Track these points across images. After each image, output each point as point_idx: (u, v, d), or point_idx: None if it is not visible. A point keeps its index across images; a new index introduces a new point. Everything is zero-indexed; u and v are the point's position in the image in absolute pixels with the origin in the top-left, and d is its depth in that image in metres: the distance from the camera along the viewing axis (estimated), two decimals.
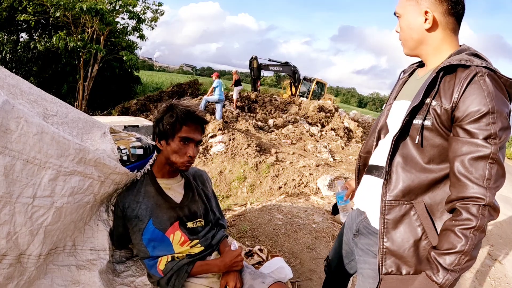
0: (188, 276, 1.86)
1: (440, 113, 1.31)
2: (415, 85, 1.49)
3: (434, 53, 1.47)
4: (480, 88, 1.23)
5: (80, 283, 1.69)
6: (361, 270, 1.62)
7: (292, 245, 3.90)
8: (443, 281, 1.22)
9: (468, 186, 1.22)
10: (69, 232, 1.64)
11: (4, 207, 1.30)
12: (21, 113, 1.27)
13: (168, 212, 1.86)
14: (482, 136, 1.22)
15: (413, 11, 1.43)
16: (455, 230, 1.21)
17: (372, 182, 1.59)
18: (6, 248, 1.36)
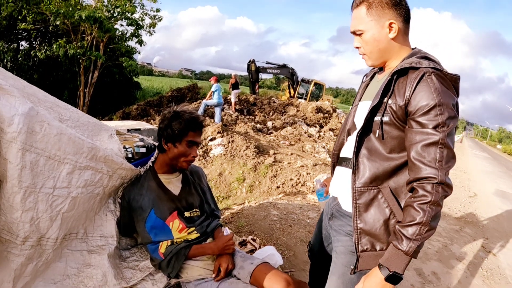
0: (185, 258, 2.11)
1: (396, 110, 1.53)
2: (375, 86, 1.71)
3: (395, 57, 1.68)
4: (428, 85, 1.45)
5: (91, 265, 1.95)
6: (335, 248, 1.80)
7: (286, 239, 4.15)
8: (407, 249, 1.41)
9: (422, 168, 1.42)
10: (81, 220, 1.90)
11: (29, 195, 1.56)
12: (44, 117, 1.54)
13: (168, 203, 2.13)
14: (432, 125, 1.43)
15: (377, 25, 1.61)
16: (414, 205, 1.42)
17: (342, 172, 1.82)
18: (30, 231, 1.61)
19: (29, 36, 21.40)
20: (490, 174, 14.66)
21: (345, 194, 1.75)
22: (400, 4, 1.61)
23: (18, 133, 1.46)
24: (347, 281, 1.68)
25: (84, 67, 18.26)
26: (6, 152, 1.47)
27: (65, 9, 15.19)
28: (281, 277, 2.00)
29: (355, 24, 1.67)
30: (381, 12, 1.60)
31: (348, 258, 1.70)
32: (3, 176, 1.52)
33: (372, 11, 1.61)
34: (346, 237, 1.73)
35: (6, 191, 1.52)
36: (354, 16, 1.67)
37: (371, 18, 1.61)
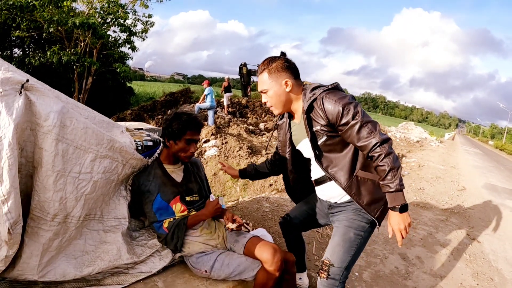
0: (186, 228, 2.46)
1: (325, 129, 2.15)
2: (298, 128, 2.37)
3: (295, 102, 2.31)
4: (329, 101, 2.09)
5: (107, 242, 2.28)
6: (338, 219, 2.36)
7: (277, 228, 4.47)
8: (395, 188, 1.99)
9: (368, 145, 2.03)
10: (98, 203, 2.23)
11: (60, 178, 1.90)
12: (73, 114, 1.90)
13: (172, 189, 2.49)
14: (351, 119, 2.04)
15: (276, 85, 2.22)
16: (379, 164, 2.02)
17: (325, 187, 2.40)
18: (58, 209, 1.94)
19: (23, 43, 21.49)
20: (480, 169, 14.76)
21: (336, 196, 2.35)
22: (290, 67, 2.23)
23: (53, 126, 1.81)
24: (346, 238, 2.23)
25: (78, 74, 18.38)
26: (42, 142, 1.81)
27: (59, 16, 15.31)
28: (269, 246, 2.38)
29: (260, 86, 2.28)
30: (278, 74, 2.21)
31: (349, 222, 2.26)
32: (38, 163, 1.86)
33: (271, 75, 2.21)
34: (348, 211, 2.31)
35: (40, 175, 1.85)
36: (260, 80, 2.27)
37: (271, 80, 2.22)
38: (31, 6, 15.35)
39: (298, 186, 2.75)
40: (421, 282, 3.69)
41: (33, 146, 1.86)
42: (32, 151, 1.87)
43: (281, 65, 2.20)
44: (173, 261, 2.54)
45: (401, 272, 3.85)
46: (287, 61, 2.24)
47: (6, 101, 1.70)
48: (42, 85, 1.89)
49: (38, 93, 1.82)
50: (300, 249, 2.96)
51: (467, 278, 3.92)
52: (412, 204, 6.65)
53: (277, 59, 2.23)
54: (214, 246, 2.54)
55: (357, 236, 2.24)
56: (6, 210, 1.69)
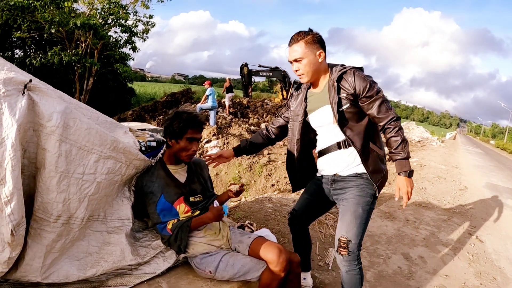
0: (189, 230, 2.44)
1: (348, 97, 2.39)
2: (318, 97, 2.58)
3: (323, 74, 2.55)
4: (358, 76, 2.38)
5: (110, 244, 2.26)
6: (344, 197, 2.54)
7: (280, 228, 4.47)
8: (406, 155, 2.36)
9: (386, 117, 2.36)
10: (102, 204, 2.21)
11: (63, 179, 1.88)
12: (76, 114, 1.88)
13: (175, 189, 2.47)
14: (375, 94, 2.36)
15: (312, 54, 2.42)
16: (393, 135, 2.36)
17: (332, 156, 2.59)
18: (62, 211, 1.92)
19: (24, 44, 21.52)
20: (482, 168, 14.64)
21: (341, 166, 2.55)
22: (322, 40, 2.45)
23: (56, 127, 1.79)
24: (357, 215, 2.42)
25: (79, 74, 18.41)
26: (45, 143, 1.80)
27: (60, 17, 15.33)
28: (275, 246, 2.37)
29: (294, 55, 2.44)
30: (314, 45, 2.41)
31: (357, 199, 2.46)
32: (41, 164, 1.84)
33: (308, 45, 2.40)
34: (353, 187, 2.51)
35: (43, 176, 1.83)
36: (295, 49, 2.43)
37: (308, 49, 2.41)
38: (32, 7, 15.36)
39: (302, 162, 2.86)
40: (424, 282, 3.68)
41: (36, 147, 1.85)
42: (35, 152, 1.86)
43: (316, 37, 2.41)
44: (177, 262, 2.53)
45: (404, 272, 3.84)
46: (319, 35, 2.44)
47: (9, 101, 1.68)
48: (45, 86, 1.88)
49: (41, 93, 1.80)
50: (307, 247, 3.07)
51: (470, 278, 3.91)
52: (414, 204, 6.63)
53: (311, 32, 2.42)
54: (218, 246, 2.52)
55: (365, 211, 2.45)
56: (9, 211, 1.68)
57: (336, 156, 2.56)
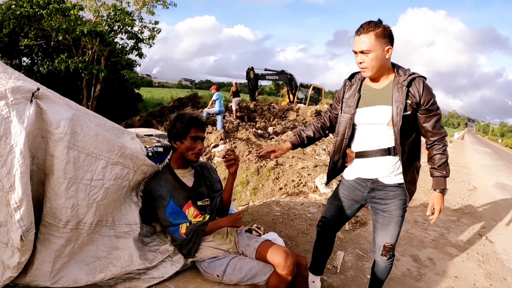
0: (204, 234, 2.47)
1: (412, 105, 2.35)
2: (378, 94, 2.48)
3: (386, 71, 2.44)
4: (427, 86, 2.35)
5: (119, 248, 2.28)
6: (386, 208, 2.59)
7: (288, 231, 4.48)
8: (446, 173, 2.45)
9: (439, 133, 2.42)
10: (110, 209, 2.23)
11: (72, 185, 1.90)
12: (84, 121, 1.91)
13: (183, 193, 2.49)
14: (435, 109, 2.39)
15: (380, 49, 2.28)
16: (440, 152, 2.43)
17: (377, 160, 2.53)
18: (70, 216, 1.95)
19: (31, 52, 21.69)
20: (490, 168, 14.64)
21: (384, 173, 2.53)
22: (392, 35, 2.32)
23: (64, 134, 1.82)
24: (399, 224, 2.57)
25: (86, 81, 18.57)
26: (54, 149, 1.82)
27: (66, 24, 15.50)
28: (281, 250, 2.37)
29: (362, 46, 2.31)
30: (384, 39, 2.28)
31: (399, 211, 2.56)
32: (49, 170, 1.87)
33: (378, 39, 2.26)
34: (394, 198, 2.55)
35: (52, 182, 1.86)
36: (362, 40, 2.29)
37: (377, 43, 2.27)
38: (39, 15, 15.56)
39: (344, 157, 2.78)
40: (433, 283, 3.68)
41: (44, 153, 1.87)
42: (44, 158, 1.88)
43: (387, 31, 2.30)
44: (185, 266, 2.54)
45: (413, 274, 3.84)
46: (390, 29, 2.33)
47: (17, 109, 1.71)
48: (53, 93, 1.91)
49: (49, 101, 1.83)
50: (328, 253, 3.09)
51: (479, 279, 3.90)
52: (423, 205, 6.61)
53: (381, 25, 2.30)
54: (226, 250, 2.53)
55: (403, 218, 2.60)
56: (19, 217, 1.70)
57: (381, 161, 2.51)
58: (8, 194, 1.71)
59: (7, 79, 1.77)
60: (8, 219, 1.75)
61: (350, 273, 3.71)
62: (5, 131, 1.69)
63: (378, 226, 2.66)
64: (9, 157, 1.69)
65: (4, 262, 1.81)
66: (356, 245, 4.37)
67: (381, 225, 2.63)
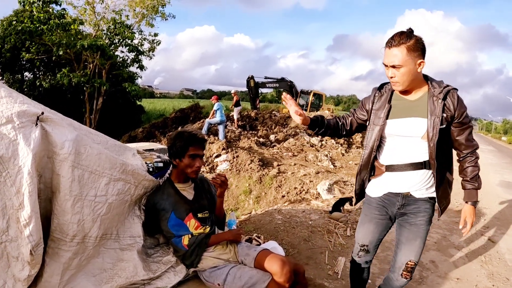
0: (207, 246, 2.59)
1: (447, 118, 2.27)
2: (411, 106, 2.37)
3: (419, 82, 2.35)
4: (460, 99, 2.29)
5: (123, 260, 2.39)
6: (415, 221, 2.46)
7: (290, 239, 4.55)
8: (478, 186, 2.42)
9: (472, 146, 2.39)
10: (114, 222, 2.34)
11: (77, 202, 2.02)
12: (87, 141, 2.04)
13: (184, 206, 2.59)
14: (468, 121, 2.34)
15: (412, 63, 2.19)
16: (473, 164, 2.41)
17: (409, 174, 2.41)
18: (77, 231, 2.06)
19: (33, 66, 21.89)
20: (495, 166, 14.61)
21: (417, 187, 2.41)
22: (424, 48, 2.22)
23: (69, 154, 1.94)
24: (424, 240, 2.47)
25: (88, 94, 18.72)
26: (59, 169, 1.95)
27: (67, 39, 15.69)
28: (278, 258, 2.47)
29: (393, 60, 2.21)
30: (416, 53, 2.18)
31: (426, 226, 2.46)
32: (56, 188, 1.99)
33: (410, 52, 2.16)
34: (424, 213, 2.45)
35: (59, 199, 1.97)
36: (394, 53, 2.20)
37: (409, 57, 2.17)
38: (40, 31, 15.75)
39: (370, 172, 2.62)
40: (435, 286, 3.72)
41: (50, 173, 1.99)
42: (50, 177, 2.00)
43: (419, 43, 2.20)
44: (187, 276, 2.63)
45: (415, 277, 3.85)
46: (422, 40, 2.23)
47: (24, 132, 1.83)
48: (57, 116, 2.04)
49: (53, 123, 1.95)
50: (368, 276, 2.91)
51: (482, 280, 3.93)
52: None
53: (413, 36, 2.20)
54: (226, 260, 2.63)
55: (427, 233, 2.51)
56: (28, 233, 1.82)
57: (413, 175, 2.39)
58: (18, 212, 1.83)
59: (12, 103, 1.89)
60: (19, 234, 1.86)
61: None
62: (13, 153, 1.81)
63: (402, 241, 2.50)
64: (18, 177, 1.82)
65: (15, 275, 1.91)
66: None
67: (406, 240, 2.47)
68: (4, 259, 1.88)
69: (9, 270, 1.90)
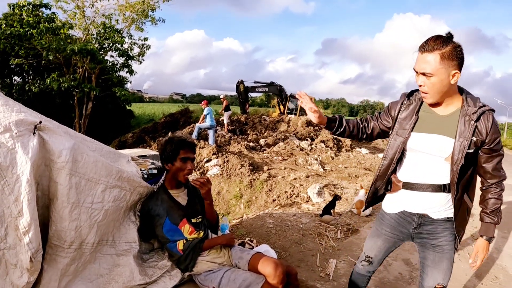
0: (201, 251, 2.65)
1: (476, 142, 2.04)
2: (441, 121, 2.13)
3: (452, 97, 2.09)
4: (495, 123, 2.03)
5: (120, 265, 2.43)
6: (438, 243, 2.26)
7: (282, 242, 4.61)
8: (498, 221, 2.19)
9: (498, 176, 2.14)
10: (110, 228, 2.39)
11: (75, 209, 2.07)
12: (83, 149, 2.09)
13: (178, 212, 2.65)
14: (500, 149, 2.09)
15: (445, 73, 1.94)
16: (496, 197, 2.17)
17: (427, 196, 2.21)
18: (74, 237, 2.11)
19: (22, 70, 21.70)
20: None
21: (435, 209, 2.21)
22: (462, 57, 1.96)
23: (66, 162, 1.99)
24: (452, 261, 2.26)
25: (78, 99, 18.60)
26: (57, 176, 1.99)
27: (56, 43, 15.60)
28: (271, 261, 2.54)
29: (424, 67, 1.97)
30: (451, 62, 1.92)
31: (451, 246, 2.25)
32: (53, 195, 2.03)
33: (444, 61, 1.92)
34: (445, 232, 2.25)
35: (57, 206, 2.02)
36: (426, 59, 1.96)
37: (442, 66, 1.92)
38: (29, 35, 15.61)
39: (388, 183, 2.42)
40: None
41: (48, 180, 2.04)
42: (48, 185, 2.05)
43: (456, 51, 1.94)
44: (183, 279, 2.68)
45: (405, 278, 3.93)
46: (460, 48, 1.96)
47: (22, 141, 1.88)
48: (53, 124, 2.09)
49: (50, 132, 2.00)
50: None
51: (471, 279, 3.99)
52: None
53: (451, 42, 1.94)
54: (220, 263, 2.69)
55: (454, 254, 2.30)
56: (28, 240, 1.86)
57: (432, 197, 2.19)
58: (16, 220, 1.87)
59: (9, 111, 1.93)
60: (17, 242, 1.90)
61: (343, 280, 3.82)
62: (11, 161, 1.86)
63: (428, 264, 2.30)
64: (16, 185, 1.86)
65: (14, 282, 1.94)
66: (348, 253, 4.48)
67: (431, 263, 2.28)
68: (2, 266, 1.92)
69: (8, 277, 1.94)
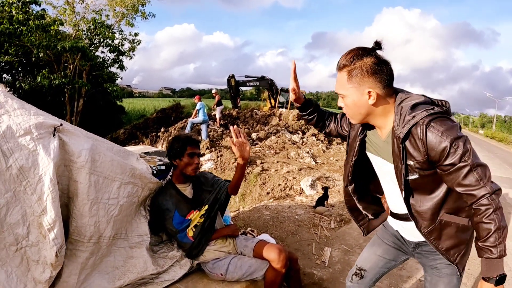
0: (211, 233, 2.86)
1: (420, 166, 1.66)
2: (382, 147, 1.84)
3: (383, 117, 1.75)
4: (433, 133, 1.57)
5: (133, 257, 2.59)
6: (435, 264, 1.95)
7: (279, 233, 4.82)
8: (498, 254, 1.56)
9: (473, 194, 1.58)
10: (123, 223, 2.55)
11: (94, 205, 2.23)
12: (100, 149, 2.26)
13: (186, 205, 2.83)
14: (458, 160, 1.56)
15: (356, 92, 1.67)
16: (483, 220, 1.56)
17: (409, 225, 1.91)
18: (93, 232, 2.27)
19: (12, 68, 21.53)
20: None
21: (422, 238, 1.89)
22: (380, 71, 1.64)
23: (86, 162, 2.15)
24: (451, 286, 1.92)
25: (69, 96, 18.57)
26: (77, 176, 2.15)
27: (46, 40, 15.55)
28: (275, 247, 2.75)
29: (337, 87, 1.76)
30: (361, 80, 1.64)
31: (451, 269, 1.89)
32: (73, 193, 2.19)
33: (352, 79, 1.66)
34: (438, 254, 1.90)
35: (77, 203, 2.18)
36: (338, 79, 1.74)
37: (351, 85, 1.67)
38: (19, 32, 15.53)
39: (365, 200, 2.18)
40: (414, 271, 4.02)
41: (67, 180, 2.19)
42: (67, 184, 2.20)
43: (368, 66, 1.64)
44: (192, 268, 2.86)
45: None
46: (379, 61, 1.65)
47: (43, 143, 2.03)
48: (72, 127, 2.25)
49: (69, 134, 2.16)
50: None
51: None
52: None
53: (365, 56, 1.64)
54: (226, 252, 2.88)
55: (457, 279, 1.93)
56: (53, 236, 2.01)
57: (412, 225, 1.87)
58: (40, 218, 2.02)
59: (27, 115, 2.08)
60: (41, 239, 2.05)
61: (338, 266, 4.04)
62: (33, 163, 2.00)
63: (426, 285, 2.05)
64: (39, 185, 2.01)
65: (36, 278, 2.08)
66: (342, 241, 4.70)
67: (429, 284, 2.01)
68: (24, 263, 2.05)
69: (29, 273, 2.07)
